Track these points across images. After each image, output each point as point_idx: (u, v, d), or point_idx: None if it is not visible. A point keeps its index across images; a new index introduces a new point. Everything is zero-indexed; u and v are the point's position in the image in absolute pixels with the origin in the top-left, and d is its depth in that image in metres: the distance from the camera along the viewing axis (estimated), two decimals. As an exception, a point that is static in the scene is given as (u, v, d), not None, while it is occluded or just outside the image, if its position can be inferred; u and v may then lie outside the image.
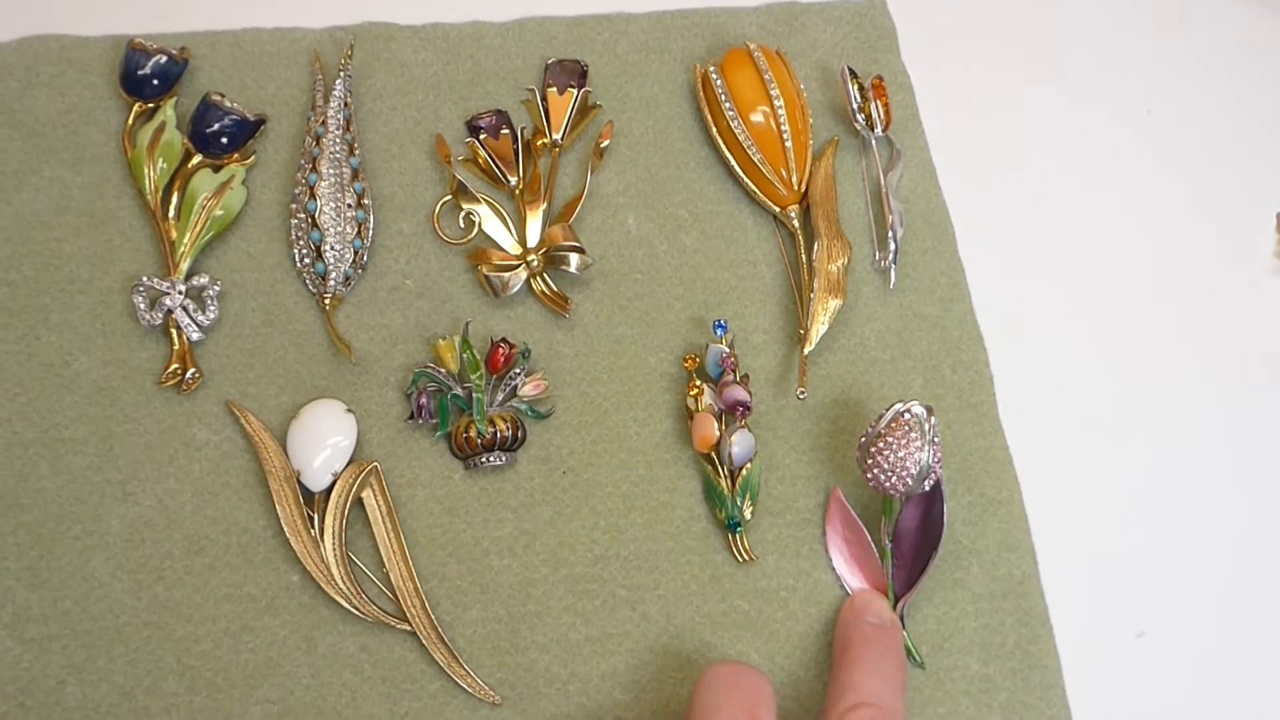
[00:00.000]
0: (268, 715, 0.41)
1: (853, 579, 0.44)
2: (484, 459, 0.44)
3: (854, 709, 0.38)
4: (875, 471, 0.41)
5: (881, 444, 0.41)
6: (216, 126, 0.48)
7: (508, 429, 0.44)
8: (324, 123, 0.48)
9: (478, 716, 0.41)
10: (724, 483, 0.44)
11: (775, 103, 0.49)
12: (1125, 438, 0.48)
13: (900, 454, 0.41)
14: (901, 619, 0.43)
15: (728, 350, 0.46)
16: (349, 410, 0.44)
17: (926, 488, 0.42)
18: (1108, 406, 0.49)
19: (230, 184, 0.47)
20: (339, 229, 0.46)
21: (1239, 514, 0.47)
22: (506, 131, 0.49)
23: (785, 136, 0.49)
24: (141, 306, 0.45)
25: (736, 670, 0.38)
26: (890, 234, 0.49)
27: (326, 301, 0.46)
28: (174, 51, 0.49)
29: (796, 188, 0.49)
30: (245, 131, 0.48)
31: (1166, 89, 0.57)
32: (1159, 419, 0.49)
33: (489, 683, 0.42)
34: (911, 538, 0.44)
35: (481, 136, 0.49)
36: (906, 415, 0.41)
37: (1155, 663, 0.44)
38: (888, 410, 0.41)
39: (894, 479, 0.41)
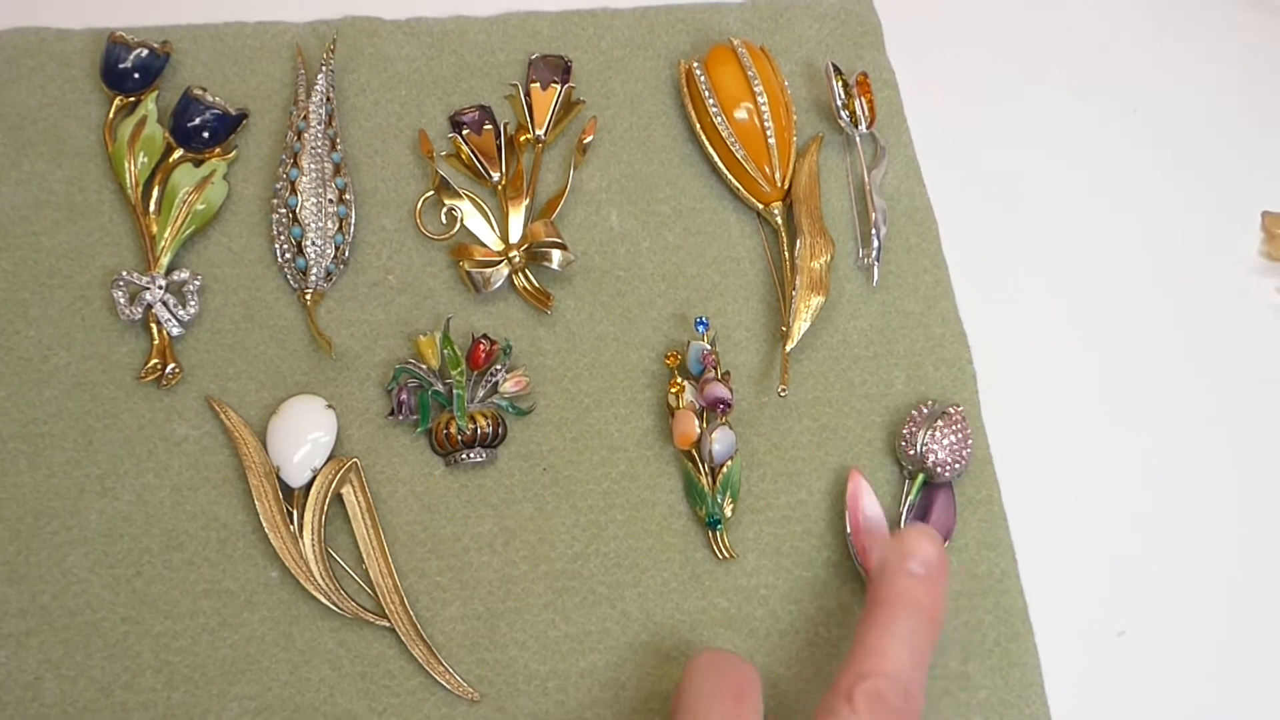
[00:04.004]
0: (245, 711, 0.41)
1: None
2: (464, 455, 0.44)
3: (864, 678, 0.36)
4: (934, 450, 0.44)
5: (943, 422, 0.45)
6: (198, 121, 0.48)
7: (488, 425, 0.44)
8: (306, 117, 0.48)
9: (456, 713, 0.41)
10: (704, 480, 0.44)
11: (759, 99, 0.49)
12: (1107, 436, 0.48)
13: (956, 437, 0.45)
14: None
15: (709, 347, 0.45)
16: (329, 406, 0.44)
17: (948, 476, 0.44)
18: (1090, 404, 0.49)
19: (211, 179, 0.47)
20: (320, 224, 0.46)
21: (1223, 513, 0.47)
22: (489, 127, 0.49)
23: (769, 133, 0.49)
24: (121, 301, 0.44)
25: (723, 656, 0.39)
26: (873, 231, 0.49)
27: (307, 297, 0.46)
28: (156, 45, 0.48)
29: (780, 184, 0.49)
30: (227, 126, 0.48)
31: (1152, 87, 0.57)
32: (1142, 417, 0.49)
33: (468, 679, 0.42)
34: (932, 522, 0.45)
35: (464, 132, 0.49)
36: (960, 409, 0.45)
37: (1135, 661, 0.44)
38: (935, 403, 0.46)
39: (942, 456, 0.44)
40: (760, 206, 0.49)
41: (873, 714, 0.35)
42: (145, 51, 0.48)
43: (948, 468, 0.45)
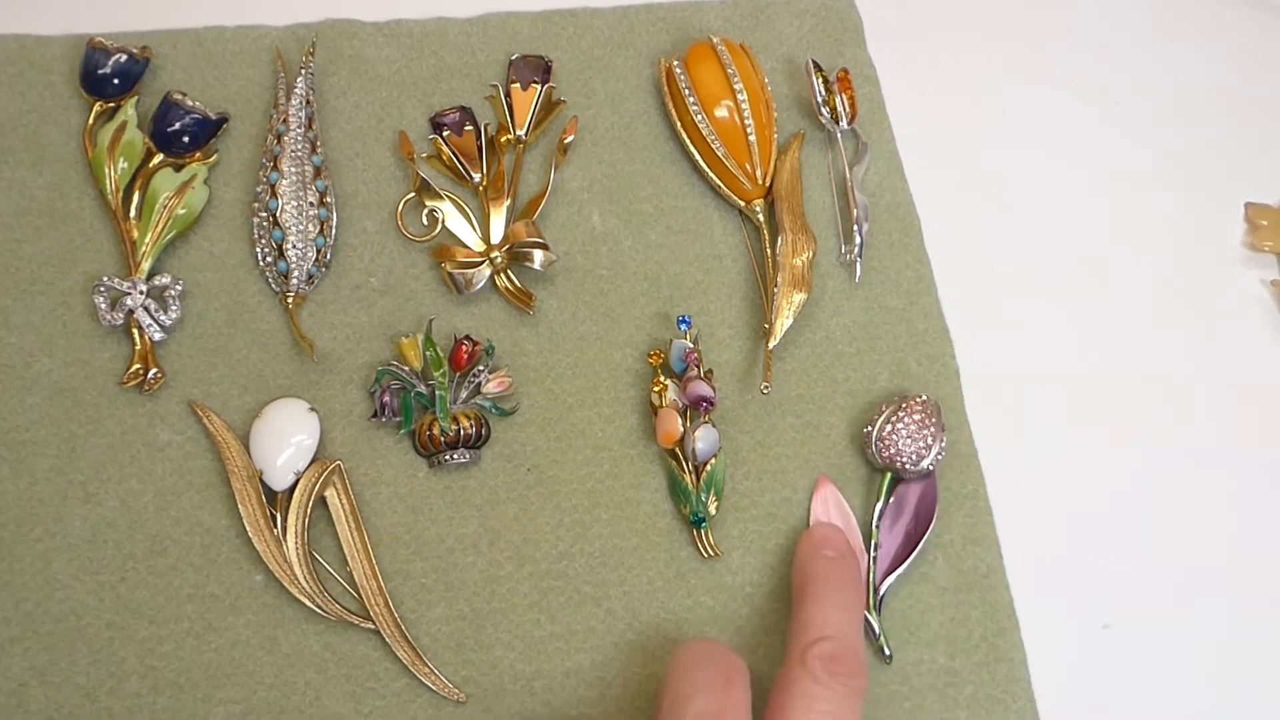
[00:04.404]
0: (231, 715, 0.41)
1: None
2: (448, 457, 0.44)
3: (815, 643, 0.38)
4: (893, 440, 0.44)
5: (904, 415, 0.44)
6: (178, 125, 0.47)
7: (471, 426, 0.44)
8: (286, 121, 0.48)
9: (442, 714, 0.41)
10: (688, 478, 0.44)
11: (739, 97, 0.49)
12: (1092, 430, 0.48)
13: (914, 425, 0.44)
14: (880, 606, 0.43)
15: (691, 345, 0.45)
16: (312, 409, 0.44)
17: (925, 470, 0.44)
18: (1074, 399, 0.49)
19: (192, 183, 0.47)
20: (301, 227, 0.46)
21: (1208, 505, 0.47)
22: (470, 128, 0.49)
23: (749, 130, 0.49)
24: (103, 307, 0.44)
25: (712, 645, 0.40)
26: (856, 227, 0.49)
27: (289, 300, 0.46)
28: (135, 50, 0.48)
29: (761, 182, 0.49)
30: (207, 130, 0.48)
31: (1135, 80, 0.57)
32: (1126, 411, 0.49)
33: (453, 680, 0.42)
34: (903, 524, 0.45)
35: (445, 133, 0.49)
36: (928, 399, 0.45)
37: (1121, 655, 0.45)
38: (900, 397, 0.46)
39: (909, 450, 0.44)
40: (742, 204, 0.49)
41: (829, 674, 0.37)
42: (124, 57, 0.48)
43: (906, 457, 0.44)
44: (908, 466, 0.44)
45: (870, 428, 0.45)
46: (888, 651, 0.43)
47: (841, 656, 0.38)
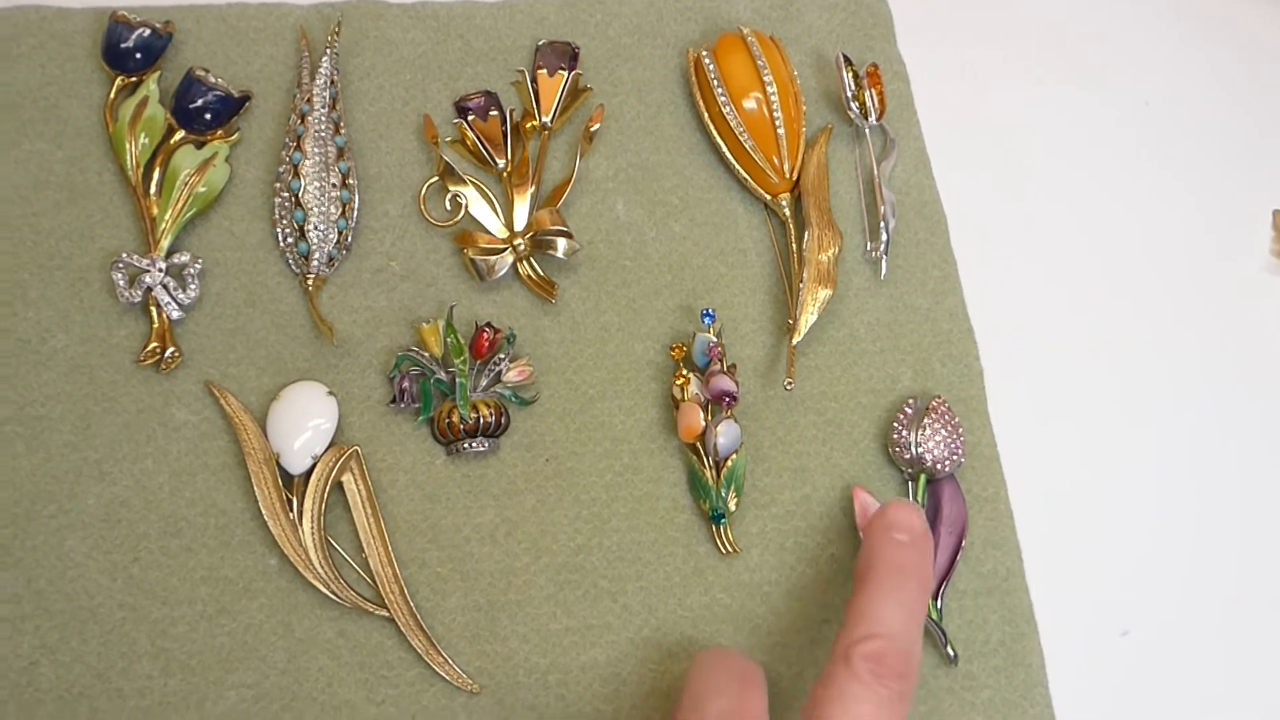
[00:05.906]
0: (242, 700, 0.40)
1: None
2: (466, 445, 0.43)
3: (863, 640, 0.36)
4: (927, 443, 0.44)
5: (931, 418, 0.44)
6: (200, 102, 0.47)
7: (491, 415, 0.44)
8: (309, 100, 0.47)
9: (455, 704, 0.41)
10: (709, 474, 0.44)
11: (768, 89, 0.48)
12: (1115, 435, 0.48)
13: (946, 429, 0.44)
14: (941, 611, 0.43)
15: (715, 339, 0.45)
16: (330, 393, 0.44)
17: (948, 470, 0.44)
18: (1098, 403, 0.49)
19: (213, 161, 0.46)
20: (323, 209, 0.45)
21: (1228, 513, 0.47)
22: (495, 113, 0.49)
23: (778, 123, 0.48)
24: (121, 284, 0.44)
25: (727, 651, 0.39)
26: (882, 224, 0.48)
27: (309, 282, 0.45)
28: (158, 25, 0.48)
29: (788, 175, 0.49)
30: (229, 108, 0.47)
31: (1164, 82, 0.56)
32: (1150, 416, 0.49)
33: (467, 671, 0.41)
34: (941, 530, 0.44)
35: (470, 118, 0.48)
36: (942, 400, 0.45)
37: (1139, 661, 0.44)
38: (916, 400, 0.46)
39: (938, 452, 0.44)
40: (768, 198, 0.49)
41: (874, 676, 0.35)
42: (147, 31, 0.47)
43: (946, 461, 0.44)
44: (946, 469, 0.44)
45: (903, 430, 0.45)
46: (953, 653, 0.43)
47: (888, 658, 0.35)
